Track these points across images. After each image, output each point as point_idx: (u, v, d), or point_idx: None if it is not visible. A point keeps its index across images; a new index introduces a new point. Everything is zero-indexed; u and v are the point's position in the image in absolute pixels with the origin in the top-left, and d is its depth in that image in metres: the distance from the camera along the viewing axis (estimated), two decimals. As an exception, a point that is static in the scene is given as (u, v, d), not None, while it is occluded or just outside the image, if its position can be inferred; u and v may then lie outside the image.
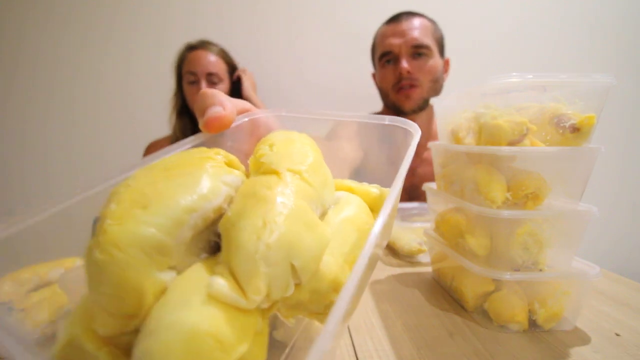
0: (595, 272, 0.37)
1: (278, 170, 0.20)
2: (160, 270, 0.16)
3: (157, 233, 0.16)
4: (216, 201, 0.19)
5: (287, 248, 0.17)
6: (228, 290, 0.16)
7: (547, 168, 0.38)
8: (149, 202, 0.17)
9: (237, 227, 0.17)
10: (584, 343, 0.36)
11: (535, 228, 0.38)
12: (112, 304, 0.16)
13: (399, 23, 0.94)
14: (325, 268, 0.19)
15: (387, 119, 0.28)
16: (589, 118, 0.36)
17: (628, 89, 1.42)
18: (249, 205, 0.18)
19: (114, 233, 0.16)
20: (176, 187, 0.18)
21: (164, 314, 0.15)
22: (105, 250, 0.15)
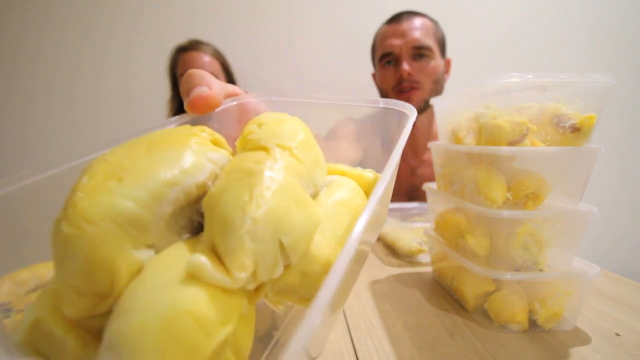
0: (596, 272, 0.37)
1: (267, 146, 0.19)
2: (135, 247, 0.15)
3: (133, 206, 0.15)
4: (200, 177, 0.17)
5: (275, 223, 0.16)
6: (210, 268, 0.14)
7: (547, 168, 0.38)
8: (126, 175, 0.15)
9: (221, 201, 0.16)
10: (584, 343, 0.36)
11: (536, 228, 0.38)
12: (81, 282, 0.14)
13: (399, 23, 0.92)
14: (316, 249, 0.18)
15: (381, 102, 0.26)
16: (589, 118, 0.36)
17: (628, 89, 1.42)
18: (235, 179, 0.17)
19: (85, 206, 0.14)
20: (157, 161, 0.16)
21: (139, 293, 0.14)
22: (74, 224, 0.14)
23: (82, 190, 0.15)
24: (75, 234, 0.14)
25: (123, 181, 0.15)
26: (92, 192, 0.15)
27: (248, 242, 0.15)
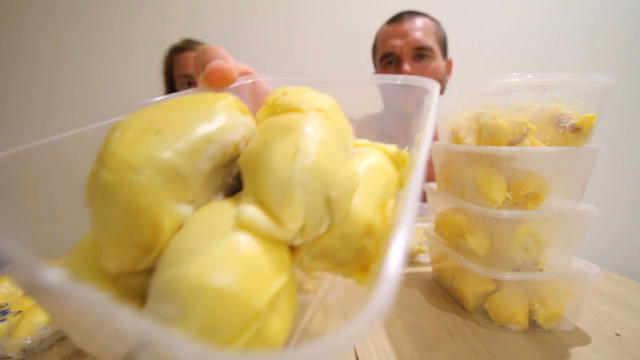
0: (596, 272, 0.37)
1: (300, 107, 0.18)
2: (177, 200, 0.14)
3: (175, 158, 0.14)
4: (234, 136, 0.17)
5: (323, 175, 0.15)
6: (261, 218, 0.14)
7: (547, 168, 0.38)
8: (163, 128, 0.15)
9: (265, 155, 0.15)
10: (584, 343, 0.36)
11: (536, 228, 0.37)
12: (123, 233, 0.13)
13: (400, 23, 0.91)
14: (357, 210, 0.17)
15: (399, 79, 0.25)
16: (589, 118, 0.36)
17: (628, 89, 1.42)
18: (276, 135, 0.16)
19: (124, 155, 0.14)
20: (191, 117, 0.16)
21: (189, 243, 0.13)
22: (115, 172, 0.13)
23: (119, 142, 0.14)
24: (116, 182, 0.13)
25: (161, 134, 0.15)
26: (129, 143, 0.14)
27: (299, 192, 0.15)
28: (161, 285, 0.12)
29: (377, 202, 0.19)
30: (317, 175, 0.15)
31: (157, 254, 0.14)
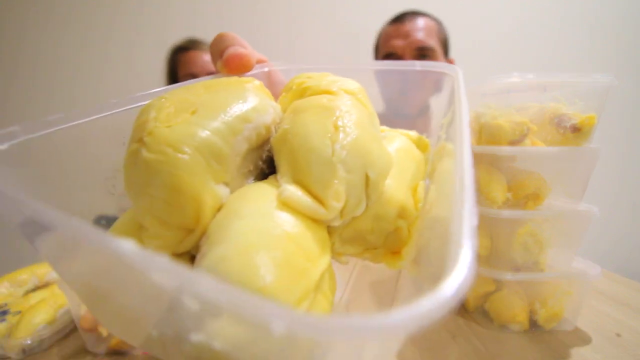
0: (596, 272, 0.37)
1: (331, 89, 0.18)
2: (216, 181, 0.14)
3: (214, 137, 0.14)
4: (266, 117, 0.16)
5: (363, 154, 0.15)
6: (304, 197, 0.14)
7: (548, 168, 0.38)
8: (198, 108, 0.14)
9: (303, 133, 0.15)
10: (584, 343, 0.36)
11: (536, 228, 0.37)
12: (166, 212, 0.13)
13: (402, 24, 0.91)
14: (390, 191, 0.17)
15: (417, 64, 0.24)
16: (590, 118, 0.36)
17: (628, 89, 1.42)
18: (312, 114, 0.16)
19: (164, 133, 0.13)
20: (224, 97, 0.16)
21: (234, 223, 0.13)
22: (157, 149, 0.13)
23: (155, 121, 0.14)
24: (159, 160, 0.13)
25: (197, 113, 0.14)
26: (167, 122, 0.14)
27: (341, 170, 0.14)
28: (209, 264, 0.12)
29: (408, 185, 0.19)
30: (358, 153, 0.15)
31: (199, 236, 0.13)
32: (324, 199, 0.14)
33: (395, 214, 0.18)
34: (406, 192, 0.18)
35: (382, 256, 0.19)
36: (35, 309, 0.37)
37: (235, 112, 0.15)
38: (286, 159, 0.15)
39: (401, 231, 0.18)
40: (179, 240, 0.14)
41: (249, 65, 0.22)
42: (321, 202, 0.14)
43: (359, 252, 0.19)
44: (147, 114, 0.15)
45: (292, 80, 0.20)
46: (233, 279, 0.11)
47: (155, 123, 0.14)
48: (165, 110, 0.14)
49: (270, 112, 0.17)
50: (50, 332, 0.36)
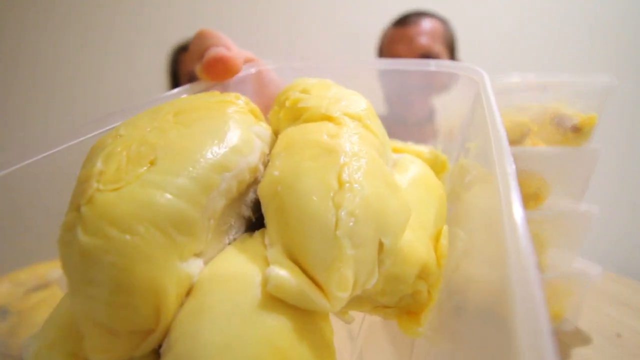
0: (597, 272, 0.37)
1: (332, 115, 0.14)
2: (182, 258, 0.11)
3: (177, 200, 0.10)
4: (252, 157, 0.13)
5: (376, 219, 0.12)
6: (300, 286, 0.10)
7: (548, 168, 0.38)
8: (159, 155, 0.11)
9: (298, 191, 0.12)
10: (585, 344, 0.35)
11: (537, 228, 0.37)
12: (113, 318, 0.10)
13: (406, 27, 0.86)
14: (408, 247, 0.14)
15: (432, 64, 0.21)
16: (590, 118, 0.36)
17: (628, 89, 1.42)
18: (310, 159, 0.12)
19: (107, 203, 0.10)
20: (195, 135, 0.12)
21: (204, 328, 0.10)
22: (96, 230, 0.10)
23: (99, 180, 0.10)
24: (99, 246, 0.09)
25: (157, 165, 0.11)
26: (113, 181, 0.10)
27: (348, 247, 0.11)
28: None
29: (431, 233, 0.15)
30: (369, 218, 0.12)
31: (160, 335, 0.11)
32: (326, 287, 0.11)
33: (414, 274, 0.14)
34: (428, 245, 0.15)
35: (396, 316, 0.16)
36: (35, 309, 0.37)
37: (210, 159, 0.11)
38: (277, 221, 0.12)
39: (420, 294, 0.15)
40: (134, 347, 0.10)
41: (234, 69, 0.18)
42: (322, 289, 0.11)
43: (368, 310, 0.16)
44: (92, 164, 0.11)
45: (285, 91, 0.17)
46: None
47: (97, 184, 0.10)
48: (115, 158, 0.11)
49: (257, 146, 0.13)
50: (51, 332, 0.36)
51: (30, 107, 1.33)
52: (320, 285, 0.11)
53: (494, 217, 0.10)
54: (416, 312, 0.15)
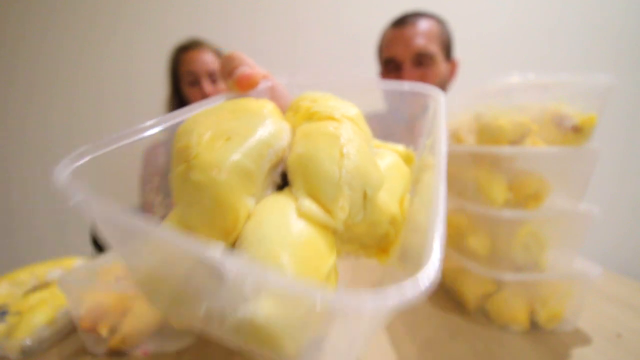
0: (597, 272, 0.37)
1: (335, 116, 0.21)
2: (247, 194, 0.18)
3: (247, 161, 0.18)
4: (283, 142, 0.20)
5: (363, 176, 0.19)
6: (318, 209, 0.18)
7: (549, 168, 0.38)
8: (231, 135, 0.18)
9: (316, 159, 0.19)
10: (585, 344, 0.35)
11: (537, 228, 0.37)
12: (213, 219, 0.17)
13: (403, 28, 0.90)
14: (383, 203, 0.21)
15: (407, 85, 0.28)
16: (590, 118, 0.36)
17: (628, 89, 1.42)
18: (322, 141, 0.20)
19: (208, 158, 0.17)
20: (250, 125, 0.19)
21: (261, 230, 0.17)
22: (204, 172, 0.17)
23: (199, 146, 0.18)
24: (206, 180, 0.17)
25: (232, 140, 0.18)
26: (208, 148, 0.18)
27: (346, 190, 0.18)
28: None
29: (397, 197, 0.23)
30: (359, 176, 0.19)
31: (235, 238, 0.17)
32: (332, 211, 0.18)
33: (386, 221, 0.21)
34: (395, 204, 0.22)
35: (374, 253, 0.23)
36: (34, 309, 0.37)
37: (261, 139, 0.19)
38: (301, 178, 0.19)
39: (390, 235, 0.22)
40: (222, 240, 0.17)
41: (256, 83, 0.24)
42: (330, 213, 0.18)
43: (355, 250, 0.23)
44: (188, 138, 0.18)
45: (297, 101, 0.24)
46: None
47: (198, 148, 0.17)
48: (204, 136, 0.18)
49: (285, 135, 0.21)
50: (50, 333, 0.36)
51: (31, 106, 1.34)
52: (329, 210, 0.18)
53: (429, 190, 0.17)
54: (386, 248, 0.23)
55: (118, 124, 1.35)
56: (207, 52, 1.05)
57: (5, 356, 0.34)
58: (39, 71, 1.32)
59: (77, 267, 0.38)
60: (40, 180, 1.34)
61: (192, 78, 1.03)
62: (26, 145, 1.35)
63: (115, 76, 1.34)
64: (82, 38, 1.32)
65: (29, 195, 1.33)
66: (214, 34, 1.15)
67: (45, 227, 1.33)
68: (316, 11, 1.35)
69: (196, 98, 1.03)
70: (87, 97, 1.34)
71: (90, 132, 1.35)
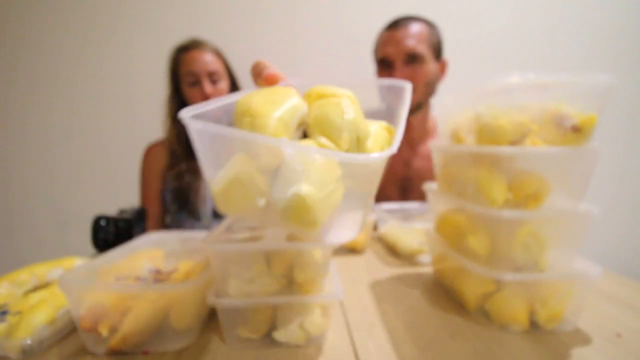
0: (597, 272, 0.37)
1: (337, 94, 0.31)
2: (286, 136, 0.27)
3: (285, 115, 0.28)
4: (304, 110, 0.30)
5: (355, 126, 0.28)
6: (329, 142, 0.27)
7: (549, 168, 0.38)
8: (275, 102, 0.28)
9: (327, 115, 0.28)
10: (585, 344, 0.35)
11: (537, 228, 0.37)
12: (266, 152, 0.26)
13: (396, 30, 0.98)
14: (369, 145, 0.31)
15: (387, 82, 0.37)
16: (590, 118, 0.36)
17: (628, 89, 1.42)
18: (330, 106, 0.29)
19: (264, 111, 0.27)
20: (284, 98, 0.29)
21: (305, 157, 0.25)
22: (263, 119, 0.26)
23: (256, 106, 0.27)
24: (264, 124, 0.26)
25: (275, 104, 0.28)
26: (262, 107, 0.27)
27: (345, 133, 0.28)
28: (284, 187, 0.25)
29: (380, 147, 0.32)
30: (354, 125, 0.28)
31: (278, 165, 0.25)
32: (339, 144, 0.28)
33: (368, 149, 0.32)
34: (377, 149, 0.32)
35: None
36: (35, 309, 0.37)
37: (292, 105, 0.29)
38: (318, 128, 0.29)
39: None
40: (271, 165, 0.26)
41: (278, 80, 0.34)
42: (338, 146, 0.28)
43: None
44: (248, 104, 0.28)
45: (312, 89, 0.33)
46: (303, 180, 0.25)
47: (256, 107, 0.27)
48: (258, 102, 0.28)
49: (304, 108, 0.30)
50: (50, 332, 0.36)
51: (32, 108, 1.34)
52: (337, 144, 0.28)
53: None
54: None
55: (118, 124, 1.35)
56: (207, 52, 1.05)
57: (6, 356, 0.34)
58: (39, 71, 1.32)
59: (77, 267, 0.38)
60: (41, 180, 1.34)
61: (192, 78, 1.03)
62: (26, 145, 1.35)
63: (115, 76, 1.34)
64: (82, 38, 1.32)
65: (29, 195, 1.33)
66: (214, 34, 1.15)
67: (45, 227, 1.33)
68: (316, 11, 1.35)
69: (196, 98, 1.03)
70: (87, 97, 1.34)
71: (91, 132, 1.35)
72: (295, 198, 0.24)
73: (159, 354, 0.34)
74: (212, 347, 0.36)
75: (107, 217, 0.65)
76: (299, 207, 0.24)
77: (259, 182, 0.26)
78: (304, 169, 0.24)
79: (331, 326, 0.39)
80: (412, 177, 1.05)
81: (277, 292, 0.36)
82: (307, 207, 0.24)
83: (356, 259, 0.63)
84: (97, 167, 1.35)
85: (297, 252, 0.36)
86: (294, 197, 0.24)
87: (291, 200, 0.24)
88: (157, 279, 0.39)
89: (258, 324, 0.35)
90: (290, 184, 0.24)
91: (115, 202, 0.96)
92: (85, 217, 0.73)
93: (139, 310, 0.34)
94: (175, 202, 1.04)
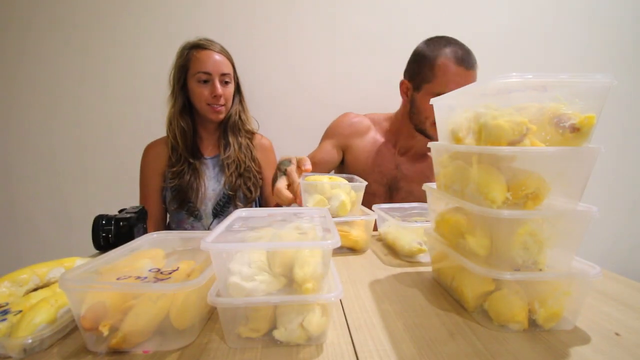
0: (596, 271, 0.37)
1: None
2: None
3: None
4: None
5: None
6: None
7: (547, 168, 0.38)
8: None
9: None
10: (584, 343, 0.36)
11: (536, 228, 0.37)
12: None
13: (470, 70, 0.95)
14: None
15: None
16: (589, 118, 0.36)
17: (627, 89, 1.42)
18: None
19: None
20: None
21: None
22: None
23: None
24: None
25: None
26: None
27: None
28: None
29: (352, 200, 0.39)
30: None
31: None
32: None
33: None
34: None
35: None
36: (36, 308, 0.37)
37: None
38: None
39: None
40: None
41: (309, 171, 0.52)
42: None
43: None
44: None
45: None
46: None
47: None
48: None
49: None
50: (51, 332, 0.36)
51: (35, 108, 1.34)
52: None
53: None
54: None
55: (118, 124, 1.35)
56: (219, 53, 1.05)
57: (7, 355, 0.34)
58: (40, 71, 1.32)
59: (78, 266, 0.38)
60: (42, 180, 1.34)
61: (205, 77, 1.03)
62: (29, 145, 1.35)
63: (115, 76, 1.34)
64: (84, 38, 1.32)
65: (30, 195, 1.33)
66: (214, 34, 1.15)
67: (46, 227, 1.33)
68: (316, 11, 1.35)
69: (205, 96, 1.03)
70: (88, 97, 1.34)
71: (92, 132, 1.35)
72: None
73: (160, 353, 0.34)
74: (212, 347, 0.36)
75: (108, 217, 0.65)
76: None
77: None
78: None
79: (331, 325, 0.39)
80: (399, 178, 1.08)
81: (277, 292, 0.36)
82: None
83: (356, 258, 0.64)
84: (100, 167, 1.35)
85: (297, 252, 0.36)
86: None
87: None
88: (158, 279, 0.39)
89: (258, 323, 0.36)
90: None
91: (118, 202, 0.96)
92: (87, 217, 0.73)
93: (139, 310, 0.34)
94: (175, 201, 1.04)
